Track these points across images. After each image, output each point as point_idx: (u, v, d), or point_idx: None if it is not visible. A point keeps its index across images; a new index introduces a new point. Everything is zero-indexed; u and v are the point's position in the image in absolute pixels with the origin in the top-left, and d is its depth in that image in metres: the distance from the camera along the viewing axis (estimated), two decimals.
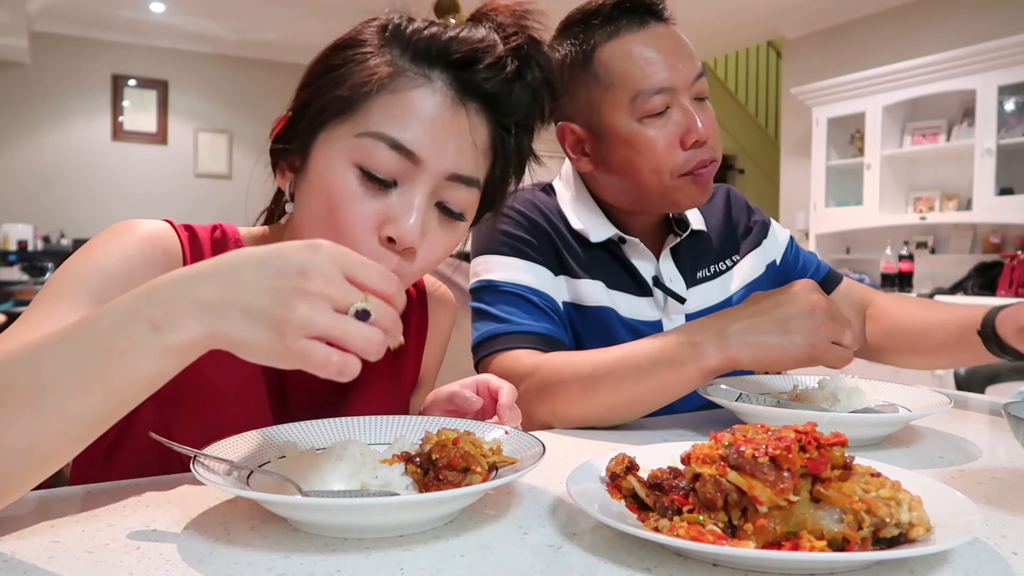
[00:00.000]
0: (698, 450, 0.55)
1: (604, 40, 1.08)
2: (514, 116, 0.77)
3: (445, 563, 0.51)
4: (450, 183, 0.73)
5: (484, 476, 0.61)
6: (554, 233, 1.13)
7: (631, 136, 1.07)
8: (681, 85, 1.06)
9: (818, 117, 5.03)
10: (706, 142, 1.07)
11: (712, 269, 1.21)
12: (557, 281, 1.11)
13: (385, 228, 0.71)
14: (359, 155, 0.71)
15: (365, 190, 0.71)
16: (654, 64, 1.06)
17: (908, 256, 4.60)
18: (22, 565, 0.50)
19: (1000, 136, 4.15)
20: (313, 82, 0.76)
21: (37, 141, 6.11)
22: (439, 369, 1.03)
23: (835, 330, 0.85)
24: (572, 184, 1.19)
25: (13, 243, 5.43)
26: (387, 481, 0.59)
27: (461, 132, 0.73)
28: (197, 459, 0.59)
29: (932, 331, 1.13)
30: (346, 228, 0.71)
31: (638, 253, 1.16)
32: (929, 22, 4.87)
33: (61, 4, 5.62)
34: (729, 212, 1.28)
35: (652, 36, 1.07)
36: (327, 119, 0.73)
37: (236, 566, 0.50)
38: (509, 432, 0.70)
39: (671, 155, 1.06)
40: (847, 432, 0.55)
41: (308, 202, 0.74)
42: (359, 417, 0.75)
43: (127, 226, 0.77)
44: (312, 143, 0.74)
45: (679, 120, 1.06)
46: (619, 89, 1.07)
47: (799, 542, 0.48)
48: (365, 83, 0.72)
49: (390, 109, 0.71)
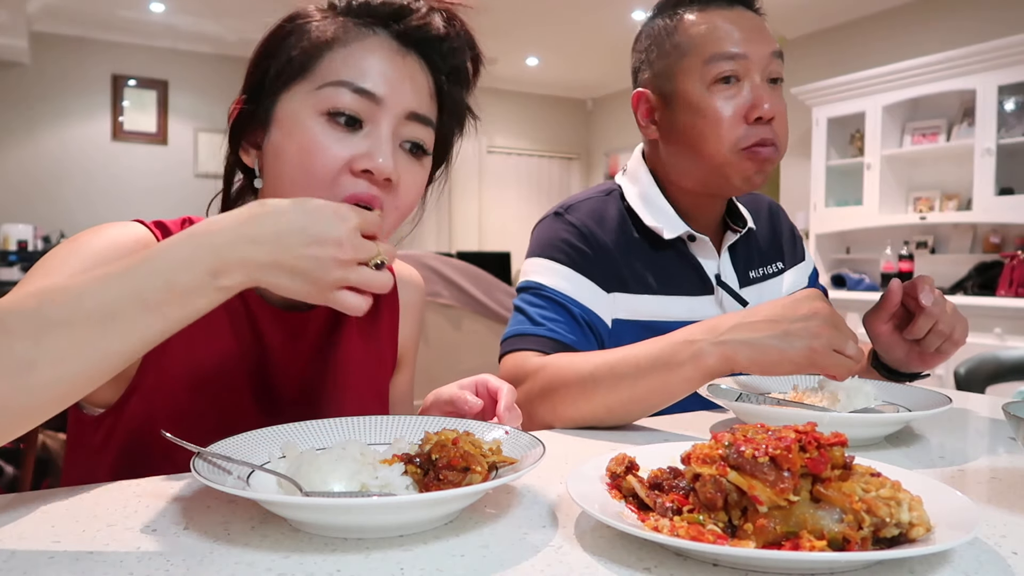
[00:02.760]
0: (698, 450, 0.55)
1: (692, 12, 1.14)
2: (447, 63, 0.84)
3: (445, 563, 0.51)
4: (409, 122, 0.79)
5: (484, 476, 0.61)
6: (615, 246, 1.14)
7: (699, 102, 1.11)
8: (755, 56, 1.10)
9: (818, 117, 5.03)
10: (770, 121, 1.10)
11: (761, 271, 1.26)
12: (608, 298, 1.13)
13: (359, 163, 0.76)
14: (323, 103, 0.76)
15: (335, 133, 0.76)
16: (731, 33, 1.11)
17: (908, 256, 4.60)
18: (22, 565, 0.50)
19: (1000, 136, 4.14)
20: (264, 58, 0.81)
21: (37, 141, 6.11)
22: (417, 347, 1.06)
23: (836, 338, 0.83)
24: (641, 178, 1.21)
25: (13, 243, 5.42)
26: (387, 481, 0.59)
27: (413, 74, 0.80)
28: (197, 459, 0.59)
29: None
30: (323, 171, 0.75)
31: (704, 251, 1.19)
32: (929, 22, 4.87)
33: (61, 4, 5.62)
34: (772, 221, 1.33)
35: (736, 15, 1.13)
36: (285, 82, 0.79)
37: (236, 566, 0.50)
38: (509, 432, 0.70)
39: (734, 126, 1.10)
40: (847, 432, 0.55)
41: (280, 161, 0.78)
42: (359, 417, 0.76)
43: (101, 228, 0.79)
44: (273, 109, 0.79)
45: (747, 94, 1.10)
46: (695, 54, 1.11)
47: (799, 542, 0.48)
48: (316, 44, 0.78)
49: (345, 60, 0.78)
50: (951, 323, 1.01)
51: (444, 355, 3.24)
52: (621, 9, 5.51)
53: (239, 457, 0.63)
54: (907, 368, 1.09)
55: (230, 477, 0.60)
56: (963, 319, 1.03)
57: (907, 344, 1.05)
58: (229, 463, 0.62)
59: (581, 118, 8.32)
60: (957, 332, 1.02)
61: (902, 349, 1.06)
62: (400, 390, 1.04)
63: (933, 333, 1.01)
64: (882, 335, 1.06)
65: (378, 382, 0.97)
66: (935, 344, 1.02)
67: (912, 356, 1.06)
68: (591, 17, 5.70)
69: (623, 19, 5.67)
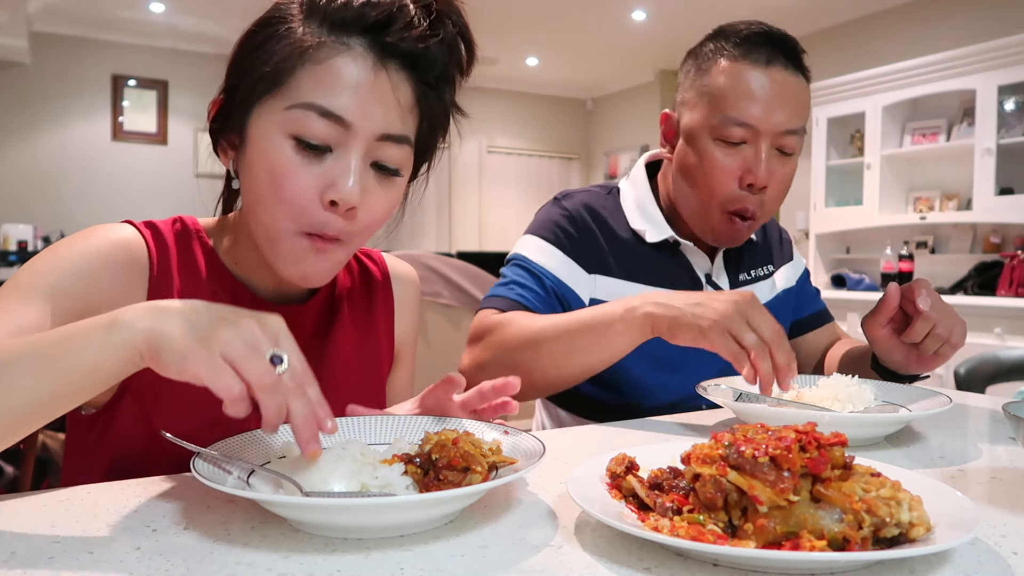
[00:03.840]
0: (698, 450, 0.55)
1: (729, 59, 1.14)
2: (432, 71, 0.79)
3: (445, 563, 0.51)
4: (381, 143, 0.76)
5: (484, 476, 0.61)
6: (603, 234, 1.22)
7: (703, 150, 1.15)
8: (765, 129, 1.11)
9: (818, 117, 5.03)
10: (761, 189, 1.13)
11: (752, 274, 1.31)
12: (587, 278, 1.20)
13: (327, 193, 0.74)
14: (292, 127, 0.74)
15: (302, 159, 0.74)
16: (749, 99, 1.11)
17: (908, 256, 4.60)
18: (22, 565, 0.50)
19: (1000, 136, 4.14)
20: (240, 62, 0.79)
21: (37, 141, 6.10)
22: (416, 342, 1.07)
23: (737, 324, 0.88)
24: (638, 185, 1.28)
25: (13, 243, 5.42)
26: (387, 481, 0.59)
27: (384, 94, 0.76)
28: (197, 459, 0.59)
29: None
30: (292, 198, 0.74)
31: (694, 255, 1.24)
32: (929, 22, 4.87)
33: (61, 4, 5.62)
34: (764, 226, 1.38)
35: (765, 75, 1.12)
36: (257, 96, 0.76)
37: (236, 566, 0.50)
38: (509, 432, 0.70)
39: (724, 184, 1.14)
40: (847, 432, 0.55)
41: (251, 177, 0.77)
42: (359, 417, 0.76)
43: (90, 230, 0.79)
44: (247, 120, 0.77)
45: (747, 157, 1.12)
46: (712, 105, 1.14)
47: (799, 542, 0.48)
48: (288, 57, 0.75)
49: (316, 79, 0.74)
50: (949, 326, 1.01)
51: (444, 355, 3.24)
52: (621, 9, 5.50)
53: (238, 457, 0.63)
54: (906, 370, 1.09)
55: (230, 477, 0.60)
56: (961, 322, 1.03)
57: (906, 347, 1.05)
58: (229, 463, 0.62)
59: (581, 118, 8.32)
60: (955, 335, 1.02)
61: (901, 352, 1.06)
62: (399, 385, 1.04)
63: (931, 336, 1.01)
64: (880, 338, 1.07)
65: (375, 377, 0.97)
66: (933, 347, 1.02)
67: (911, 359, 1.06)
68: (591, 17, 5.70)
69: (623, 19, 5.67)
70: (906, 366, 1.08)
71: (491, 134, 7.81)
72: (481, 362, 1.08)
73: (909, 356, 1.06)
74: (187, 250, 0.84)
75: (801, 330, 1.40)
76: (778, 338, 0.88)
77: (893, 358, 1.08)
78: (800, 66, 1.15)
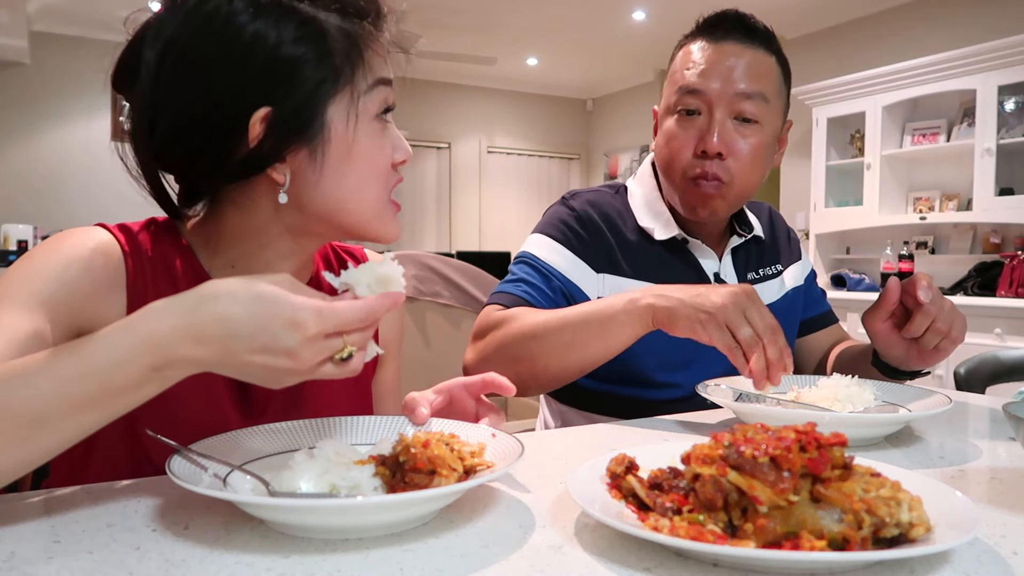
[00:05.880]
0: (698, 450, 0.55)
1: (693, 41, 1.19)
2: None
3: (445, 563, 0.51)
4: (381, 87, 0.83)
5: (461, 479, 0.60)
6: (611, 233, 1.22)
7: (666, 127, 1.20)
8: (716, 94, 1.14)
9: (818, 117, 5.03)
10: (716, 156, 1.14)
11: (761, 272, 1.32)
12: (595, 277, 1.21)
13: (398, 156, 0.81)
14: (377, 103, 0.79)
15: (382, 126, 0.80)
16: (697, 66, 1.15)
17: (908, 256, 4.60)
18: (22, 565, 0.50)
19: (1000, 136, 4.14)
20: (279, 83, 0.75)
21: (37, 141, 6.10)
22: (401, 340, 1.08)
23: (734, 317, 0.88)
24: (645, 184, 1.29)
25: (13, 243, 5.41)
26: (356, 482, 0.59)
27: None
28: (173, 460, 0.59)
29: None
30: (382, 168, 0.80)
31: (702, 253, 1.25)
32: (929, 22, 4.87)
33: (61, 4, 5.62)
34: (771, 226, 1.40)
35: (717, 47, 1.16)
36: (328, 91, 0.76)
37: (236, 566, 0.50)
38: (496, 435, 0.70)
39: (681, 153, 1.17)
40: (847, 432, 0.55)
41: (341, 171, 0.78)
42: (348, 417, 0.76)
43: (63, 235, 0.78)
44: (323, 118, 0.76)
45: (701, 126, 1.15)
46: (671, 82, 1.20)
47: (799, 542, 0.48)
48: (340, 51, 0.77)
49: (369, 57, 0.79)
50: (949, 320, 1.01)
51: (444, 355, 3.24)
52: (621, 9, 5.50)
53: (221, 456, 0.63)
54: (907, 366, 1.09)
55: (206, 475, 0.60)
56: (961, 316, 1.03)
57: (906, 342, 1.05)
58: (207, 461, 0.62)
59: (581, 118, 8.32)
60: (955, 329, 1.02)
61: (901, 347, 1.06)
62: (386, 385, 1.03)
63: (931, 331, 1.01)
64: (881, 333, 1.07)
65: (359, 378, 0.96)
66: (934, 341, 1.02)
67: (911, 354, 1.06)
68: (591, 17, 5.70)
69: (623, 19, 5.67)
70: (906, 361, 1.08)
71: (491, 134, 7.81)
72: (485, 356, 1.09)
73: (909, 351, 1.06)
74: (161, 250, 0.83)
75: (807, 330, 1.40)
76: (772, 333, 0.88)
77: (893, 353, 1.08)
78: (760, 40, 1.17)
